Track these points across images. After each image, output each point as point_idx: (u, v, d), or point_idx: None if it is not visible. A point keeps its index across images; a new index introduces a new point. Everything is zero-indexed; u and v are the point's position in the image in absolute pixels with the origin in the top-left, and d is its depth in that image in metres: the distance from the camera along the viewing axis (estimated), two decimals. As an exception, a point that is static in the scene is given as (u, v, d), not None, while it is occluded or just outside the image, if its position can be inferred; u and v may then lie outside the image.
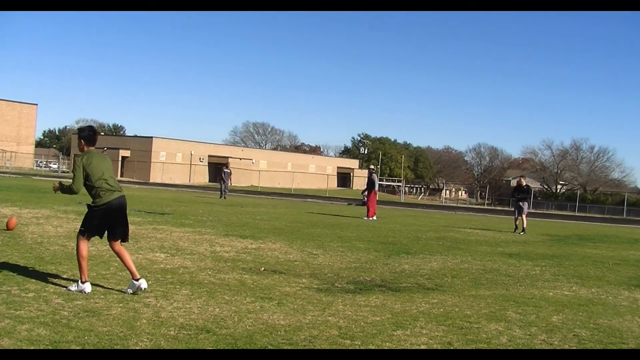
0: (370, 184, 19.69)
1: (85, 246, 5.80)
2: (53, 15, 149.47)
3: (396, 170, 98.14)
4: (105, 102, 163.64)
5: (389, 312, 5.61)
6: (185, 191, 37.08)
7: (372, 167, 21.84)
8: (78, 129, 6.29)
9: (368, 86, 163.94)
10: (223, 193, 28.41)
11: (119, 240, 5.90)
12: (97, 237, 5.95)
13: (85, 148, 5.86)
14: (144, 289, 5.71)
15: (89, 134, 5.90)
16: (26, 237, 9.08)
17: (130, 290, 5.73)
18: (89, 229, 5.78)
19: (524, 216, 17.47)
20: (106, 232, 5.86)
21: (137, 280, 5.72)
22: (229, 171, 28.99)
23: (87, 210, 5.85)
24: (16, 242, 8.57)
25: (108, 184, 5.74)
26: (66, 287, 5.74)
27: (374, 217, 19.31)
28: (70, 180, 5.78)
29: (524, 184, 18.21)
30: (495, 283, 7.79)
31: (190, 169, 64.13)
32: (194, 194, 33.64)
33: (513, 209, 18.77)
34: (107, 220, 5.77)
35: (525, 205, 17.70)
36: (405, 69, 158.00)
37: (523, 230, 17.13)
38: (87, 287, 5.65)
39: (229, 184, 29.25)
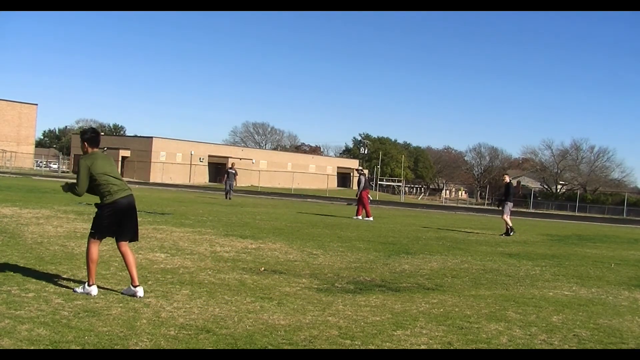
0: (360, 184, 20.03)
1: (95, 249, 5.71)
2: (53, 15, 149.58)
3: (396, 170, 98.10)
4: (105, 102, 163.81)
5: (389, 312, 5.61)
6: (186, 191, 37.08)
7: (360, 168, 22.18)
8: (80, 131, 6.21)
9: (368, 86, 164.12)
10: (227, 194, 28.24)
11: (127, 241, 5.83)
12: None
13: (89, 150, 5.81)
14: (139, 297, 5.58)
15: (91, 136, 5.83)
16: (26, 237, 9.07)
17: (125, 292, 5.71)
18: (99, 230, 5.73)
19: (504, 216, 15.72)
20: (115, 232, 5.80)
21: (136, 287, 5.66)
22: (234, 171, 28.84)
23: (96, 211, 5.78)
24: (16, 242, 8.57)
25: (115, 183, 5.71)
26: (73, 289, 5.68)
27: (360, 217, 19.55)
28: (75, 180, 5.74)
29: (507, 181, 16.68)
30: (495, 283, 7.79)
31: (190, 169, 64.14)
32: (194, 194, 33.64)
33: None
34: (116, 220, 5.71)
35: (506, 206, 15.79)
36: (405, 68, 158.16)
37: (511, 230, 15.60)
38: (94, 290, 5.60)
39: (234, 184, 29.14)
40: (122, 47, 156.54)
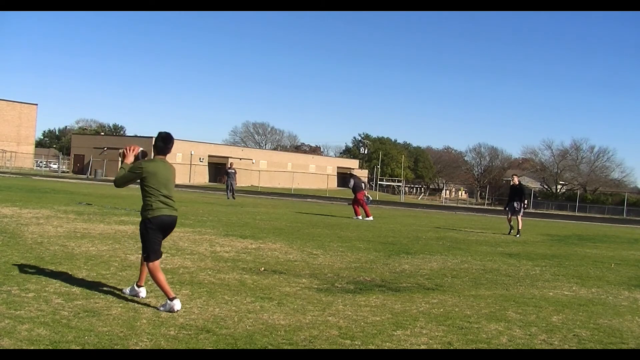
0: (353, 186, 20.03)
1: (159, 269, 5.32)
2: (53, 15, 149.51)
3: (396, 170, 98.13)
4: (105, 102, 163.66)
5: (389, 312, 5.61)
6: (186, 191, 37.06)
7: (350, 171, 22.49)
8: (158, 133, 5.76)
9: (368, 86, 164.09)
10: (230, 193, 28.25)
11: None
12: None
13: (156, 156, 5.61)
14: (142, 297, 5.54)
15: (158, 145, 5.62)
16: (26, 237, 9.07)
17: (127, 291, 5.68)
18: (154, 251, 5.31)
19: (518, 217, 16.33)
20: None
21: (140, 287, 5.61)
22: (233, 171, 28.88)
23: (141, 228, 5.40)
24: (16, 242, 8.57)
25: (163, 200, 5.39)
26: (156, 308, 5.26)
27: (359, 217, 19.56)
28: (123, 170, 5.48)
29: (517, 182, 17.09)
30: (495, 283, 7.79)
31: (190, 169, 64.12)
32: (194, 194, 33.64)
33: (506, 209, 17.27)
34: (161, 234, 5.39)
35: (518, 206, 16.32)
36: (405, 68, 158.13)
37: (518, 232, 16.08)
38: (177, 304, 5.18)
39: (235, 184, 29.19)
40: (122, 47, 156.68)
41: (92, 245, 8.75)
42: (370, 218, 19.14)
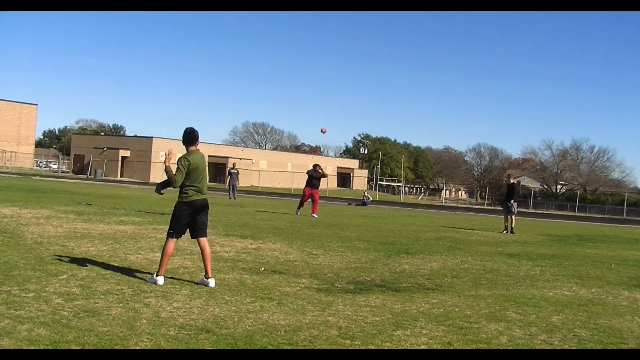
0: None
1: (172, 245, 6.40)
2: (53, 15, 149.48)
3: (396, 170, 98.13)
4: (105, 102, 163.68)
5: (389, 312, 5.61)
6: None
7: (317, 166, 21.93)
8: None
9: (368, 86, 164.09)
10: (232, 193, 28.28)
11: (204, 237, 6.48)
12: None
13: (187, 148, 6.42)
14: (211, 287, 6.22)
15: (184, 137, 6.42)
16: (26, 237, 9.07)
17: (198, 282, 6.41)
18: (177, 229, 6.40)
19: (512, 216, 16.96)
20: (189, 230, 6.48)
21: (208, 278, 6.33)
22: (236, 171, 28.88)
23: (174, 210, 6.42)
24: (16, 242, 8.57)
25: (197, 186, 6.34)
26: (145, 280, 6.36)
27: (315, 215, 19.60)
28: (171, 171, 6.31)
29: (511, 182, 17.59)
30: (495, 283, 7.79)
31: (190, 169, 64.03)
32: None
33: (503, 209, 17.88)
34: (192, 218, 6.36)
35: (513, 206, 17.10)
36: (405, 68, 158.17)
37: (512, 229, 16.73)
38: (160, 280, 6.25)
39: (237, 184, 29.20)
40: (122, 47, 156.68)
41: (92, 245, 8.75)
42: (297, 214, 19.46)
